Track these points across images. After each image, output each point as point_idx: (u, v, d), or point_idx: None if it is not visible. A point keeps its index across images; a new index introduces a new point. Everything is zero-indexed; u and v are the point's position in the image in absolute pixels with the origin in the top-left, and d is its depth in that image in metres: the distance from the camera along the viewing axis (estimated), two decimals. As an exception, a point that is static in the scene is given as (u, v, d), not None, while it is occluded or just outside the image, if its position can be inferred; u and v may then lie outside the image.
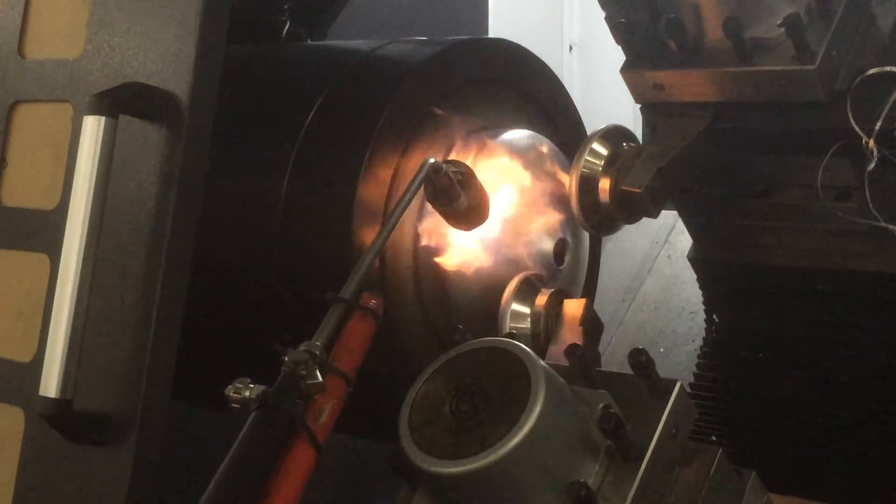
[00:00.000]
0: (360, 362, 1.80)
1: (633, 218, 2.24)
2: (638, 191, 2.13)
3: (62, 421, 1.68)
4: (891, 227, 2.05)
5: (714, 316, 2.54)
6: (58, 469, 1.76)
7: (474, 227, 2.11)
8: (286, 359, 1.66)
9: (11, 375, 1.85)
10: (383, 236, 1.90)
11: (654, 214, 2.20)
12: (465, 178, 2.03)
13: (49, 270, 1.82)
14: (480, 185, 2.07)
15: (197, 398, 2.23)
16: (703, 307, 2.61)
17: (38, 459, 1.79)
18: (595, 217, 2.25)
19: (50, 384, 1.66)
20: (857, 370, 2.33)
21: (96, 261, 1.67)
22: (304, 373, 1.65)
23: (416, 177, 1.96)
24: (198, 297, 1.79)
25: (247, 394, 1.61)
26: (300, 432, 1.65)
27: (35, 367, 1.75)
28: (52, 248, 1.78)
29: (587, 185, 2.21)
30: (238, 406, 1.62)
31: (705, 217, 2.43)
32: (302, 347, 1.68)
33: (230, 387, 1.62)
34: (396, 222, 1.92)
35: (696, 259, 2.49)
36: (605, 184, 2.20)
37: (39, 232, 1.87)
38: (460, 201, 2.02)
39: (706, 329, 2.57)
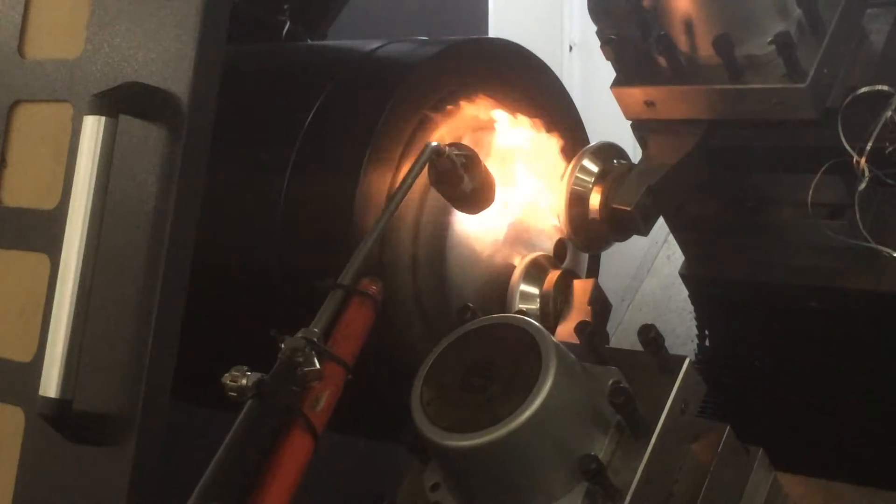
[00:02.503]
0: (360, 349, 1.78)
1: (623, 235, 2.24)
2: (628, 209, 2.13)
3: (62, 421, 1.68)
4: (880, 247, 2.05)
5: (706, 331, 2.54)
6: (58, 469, 1.76)
7: (479, 211, 2.10)
8: (283, 346, 1.65)
9: (11, 375, 1.85)
10: (384, 220, 1.88)
11: (645, 232, 2.19)
12: (469, 160, 2.02)
13: (49, 270, 1.82)
14: (485, 167, 2.06)
15: (197, 398, 2.23)
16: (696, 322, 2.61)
17: (38, 459, 1.79)
18: (584, 234, 2.24)
19: (50, 384, 1.66)
20: (847, 386, 2.33)
21: (96, 261, 1.68)
22: (300, 360, 1.64)
23: (417, 160, 1.95)
24: (198, 296, 1.79)
25: (243, 381, 1.61)
26: (297, 420, 1.64)
27: (35, 367, 1.75)
28: (52, 248, 1.78)
29: (577, 201, 2.21)
30: (234, 394, 1.61)
31: (696, 234, 2.42)
32: (299, 334, 1.67)
33: (227, 375, 1.61)
34: (397, 207, 1.91)
35: (687, 276, 2.49)
36: (595, 201, 2.19)
37: (39, 232, 1.87)
38: (464, 184, 2.01)
39: (698, 345, 2.57)
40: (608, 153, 2.26)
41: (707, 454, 1.73)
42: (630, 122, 2.31)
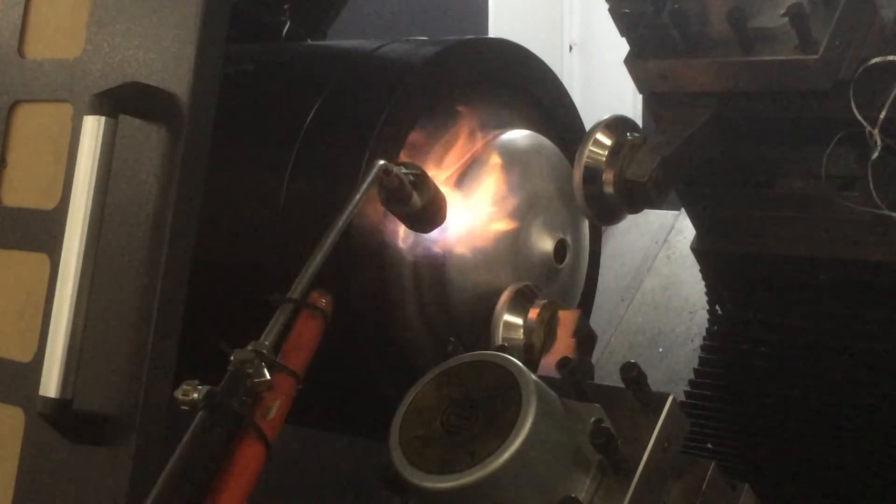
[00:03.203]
0: (309, 360, 1.80)
1: (636, 208, 2.24)
2: (642, 181, 2.14)
3: (62, 421, 1.68)
4: (894, 215, 2.05)
5: (717, 307, 2.54)
6: (58, 469, 1.76)
7: (431, 229, 2.10)
8: (232, 358, 1.67)
9: (11, 375, 1.85)
10: (332, 237, 1.89)
11: (658, 204, 2.20)
12: (418, 178, 2.02)
13: (49, 270, 1.82)
14: (435, 185, 2.06)
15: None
16: (701, 307, 2.60)
17: (38, 459, 1.79)
18: (599, 206, 2.25)
19: (50, 384, 1.66)
20: (860, 359, 2.32)
21: (96, 261, 1.68)
22: (250, 371, 1.66)
23: (365, 178, 1.96)
24: (197, 296, 1.79)
25: (195, 395, 1.62)
26: (248, 430, 1.65)
27: (35, 367, 1.75)
28: (52, 248, 1.78)
29: (591, 174, 2.22)
30: (187, 408, 1.62)
31: (709, 207, 2.42)
32: (249, 347, 1.69)
33: (178, 389, 1.63)
34: (346, 224, 1.91)
35: (699, 250, 2.48)
36: (608, 174, 2.20)
37: (39, 232, 1.87)
38: (413, 202, 2.01)
39: (708, 321, 2.57)
40: (621, 126, 2.26)
41: (691, 491, 1.70)
42: (643, 97, 2.31)
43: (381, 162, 1.95)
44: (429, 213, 2.04)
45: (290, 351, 1.77)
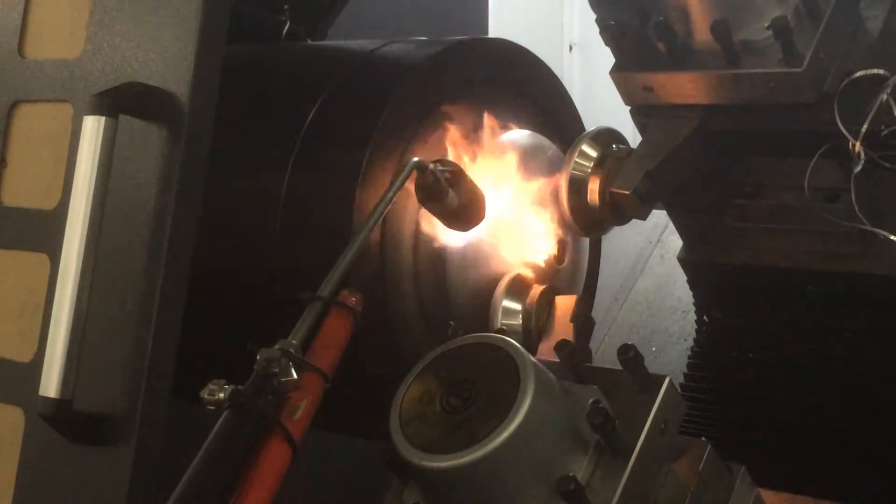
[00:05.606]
0: (338, 359, 1.80)
1: (622, 220, 2.25)
2: (626, 193, 2.14)
3: (62, 421, 1.68)
4: (876, 230, 2.06)
5: (704, 317, 2.55)
6: (58, 469, 1.76)
7: (470, 227, 2.10)
8: (258, 357, 1.66)
9: (11, 375, 1.85)
10: (363, 234, 1.89)
11: (643, 216, 2.21)
12: (455, 176, 2.02)
13: (49, 270, 1.82)
14: (472, 183, 2.05)
15: (197, 398, 2.23)
16: (694, 306, 2.62)
17: (38, 459, 1.79)
18: (585, 218, 2.25)
19: (50, 384, 1.66)
20: (844, 370, 2.34)
21: (96, 261, 1.68)
22: (276, 370, 1.65)
23: (399, 175, 1.96)
24: (198, 296, 1.79)
25: (221, 395, 1.62)
26: (274, 430, 1.65)
27: (35, 367, 1.75)
28: (52, 248, 1.78)
29: (577, 186, 2.22)
30: (213, 408, 1.62)
31: (695, 218, 2.44)
32: (276, 346, 1.68)
33: (205, 389, 1.63)
34: (378, 220, 1.92)
35: (686, 260, 2.50)
36: (594, 185, 2.21)
37: (39, 232, 1.87)
38: (450, 199, 2.00)
39: (696, 329, 2.58)
40: (607, 138, 2.27)
41: (688, 473, 1.73)
42: (629, 108, 2.32)
43: (416, 159, 1.95)
44: (466, 212, 2.04)
45: (318, 350, 1.77)
